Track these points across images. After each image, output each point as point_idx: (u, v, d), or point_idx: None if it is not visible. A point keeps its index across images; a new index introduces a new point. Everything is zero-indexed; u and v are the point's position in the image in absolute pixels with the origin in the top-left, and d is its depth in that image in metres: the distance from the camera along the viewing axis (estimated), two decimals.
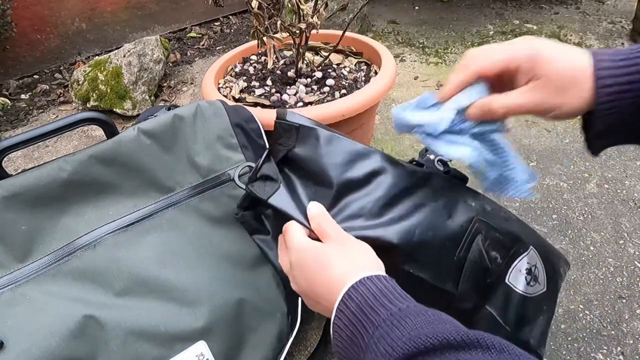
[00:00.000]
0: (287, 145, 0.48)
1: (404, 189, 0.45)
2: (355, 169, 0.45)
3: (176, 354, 0.50)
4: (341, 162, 0.45)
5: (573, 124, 1.14)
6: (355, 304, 0.34)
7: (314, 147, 0.46)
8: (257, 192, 0.47)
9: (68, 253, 0.50)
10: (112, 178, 0.55)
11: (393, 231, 0.43)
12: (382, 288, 0.35)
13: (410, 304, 0.34)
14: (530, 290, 0.47)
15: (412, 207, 0.45)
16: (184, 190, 0.59)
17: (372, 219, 0.44)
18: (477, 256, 0.45)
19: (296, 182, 0.47)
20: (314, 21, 0.73)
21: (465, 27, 1.74)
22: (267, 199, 0.46)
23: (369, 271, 0.37)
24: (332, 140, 0.46)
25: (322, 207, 0.44)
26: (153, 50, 1.36)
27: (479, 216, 0.46)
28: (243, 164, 0.55)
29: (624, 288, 0.73)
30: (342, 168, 0.45)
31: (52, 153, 1.20)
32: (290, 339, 0.61)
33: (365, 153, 0.46)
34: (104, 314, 0.48)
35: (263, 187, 0.47)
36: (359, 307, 0.34)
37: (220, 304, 0.54)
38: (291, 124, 0.47)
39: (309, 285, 0.40)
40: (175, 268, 0.54)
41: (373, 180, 0.45)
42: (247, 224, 0.53)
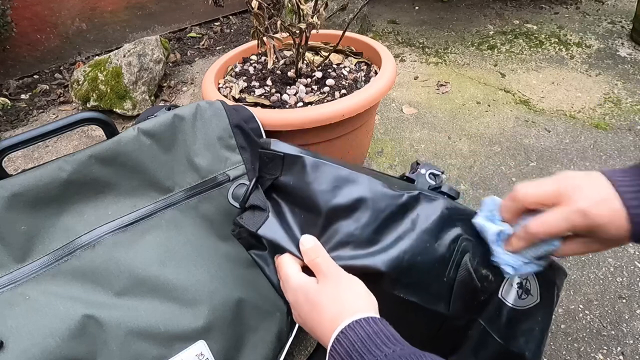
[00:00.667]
0: (273, 174, 0.48)
1: (391, 213, 0.45)
2: (342, 195, 0.45)
3: (176, 354, 0.50)
4: (328, 188, 0.45)
5: (573, 124, 1.14)
6: (344, 350, 0.35)
7: (301, 175, 0.46)
8: (246, 224, 0.47)
9: (68, 253, 0.50)
10: (112, 178, 0.55)
11: (381, 260, 0.43)
12: (370, 332, 0.36)
13: (396, 347, 0.34)
14: (520, 303, 0.47)
15: (401, 232, 0.44)
16: (183, 190, 0.59)
17: (361, 247, 0.44)
18: (466, 276, 0.45)
19: (285, 209, 0.47)
20: (314, 21, 0.73)
21: (465, 27, 1.74)
22: (257, 231, 0.46)
23: (360, 313, 0.37)
24: (318, 167, 0.46)
25: (315, 240, 0.44)
26: (153, 50, 1.36)
27: (466, 235, 0.46)
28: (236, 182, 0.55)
29: (624, 288, 0.73)
30: (329, 195, 0.45)
31: (52, 153, 1.20)
32: (290, 338, 0.61)
33: (351, 179, 0.46)
34: (103, 313, 0.48)
35: (252, 217, 0.48)
36: (348, 353, 0.35)
37: (219, 304, 0.54)
38: (276, 153, 0.47)
39: (305, 323, 0.41)
40: (175, 268, 0.54)
41: (360, 207, 0.44)
42: (244, 239, 0.52)
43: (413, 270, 0.44)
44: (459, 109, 1.24)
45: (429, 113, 1.22)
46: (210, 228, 0.59)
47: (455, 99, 1.28)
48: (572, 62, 1.44)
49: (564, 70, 1.40)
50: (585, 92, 1.28)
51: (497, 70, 1.42)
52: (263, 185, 0.49)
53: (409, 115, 1.22)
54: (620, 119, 1.14)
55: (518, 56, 1.50)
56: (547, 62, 1.45)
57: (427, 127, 1.16)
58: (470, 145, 1.09)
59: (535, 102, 1.24)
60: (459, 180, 0.97)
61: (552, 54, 1.50)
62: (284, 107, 0.77)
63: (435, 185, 0.51)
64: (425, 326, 0.46)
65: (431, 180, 0.52)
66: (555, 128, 1.13)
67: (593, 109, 1.19)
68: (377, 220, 0.44)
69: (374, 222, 0.44)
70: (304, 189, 0.46)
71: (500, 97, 1.28)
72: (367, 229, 0.44)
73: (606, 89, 1.28)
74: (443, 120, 1.19)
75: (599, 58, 1.45)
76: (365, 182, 0.45)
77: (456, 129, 1.15)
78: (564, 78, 1.35)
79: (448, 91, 1.33)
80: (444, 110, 1.23)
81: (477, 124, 1.17)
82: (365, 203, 0.44)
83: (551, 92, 1.29)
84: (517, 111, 1.21)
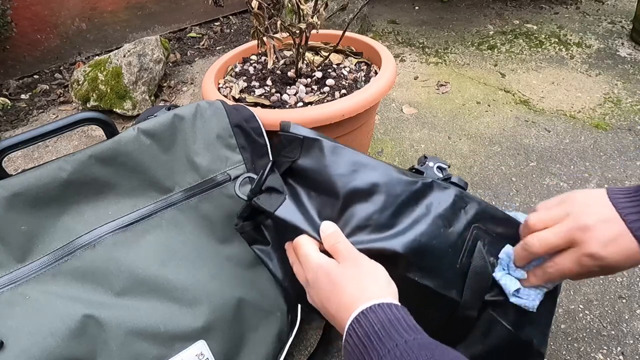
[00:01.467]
0: (291, 156, 0.48)
1: (407, 199, 0.45)
2: (359, 178, 0.45)
3: (176, 354, 0.50)
4: (346, 172, 0.46)
5: (573, 124, 1.14)
6: (363, 331, 0.35)
7: (319, 158, 0.47)
8: (263, 205, 0.47)
9: (68, 253, 0.50)
10: (112, 178, 0.55)
11: (398, 243, 0.44)
12: (392, 317, 0.36)
13: (417, 336, 0.34)
14: None
15: (416, 217, 0.45)
16: (183, 190, 0.59)
17: (378, 231, 0.44)
18: (481, 264, 0.46)
19: (302, 193, 0.48)
20: (314, 21, 0.73)
21: (465, 27, 1.74)
22: (274, 212, 0.46)
23: (381, 298, 0.37)
24: (336, 151, 0.47)
25: (335, 226, 0.44)
26: (153, 50, 1.36)
27: (477, 223, 0.47)
28: (243, 175, 0.55)
29: (624, 288, 0.73)
30: (347, 178, 0.45)
31: (52, 153, 1.20)
32: (290, 338, 0.61)
33: (368, 163, 0.46)
34: (103, 313, 0.48)
35: (269, 199, 0.47)
36: (367, 334, 0.35)
37: (220, 304, 0.54)
38: (295, 135, 0.48)
39: (322, 304, 0.41)
40: (175, 267, 0.54)
41: (377, 191, 0.45)
42: (247, 234, 0.53)
43: (428, 253, 0.44)
44: (459, 109, 1.24)
45: (429, 113, 1.22)
46: (211, 228, 0.59)
47: (455, 99, 1.28)
48: (572, 62, 1.44)
49: (564, 70, 1.40)
50: (585, 92, 1.28)
51: (497, 70, 1.42)
52: (280, 168, 0.50)
53: (409, 115, 1.22)
54: (620, 119, 1.14)
55: (518, 56, 1.50)
56: (547, 62, 1.45)
57: (427, 127, 1.16)
58: (470, 145, 1.09)
59: (535, 102, 1.24)
60: None
61: (552, 54, 1.50)
62: (284, 107, 0.77)
63: (445, 176, 0.52)
64: (438, 312, 0.47)
65: (439, 172, 0.53)
66: (555, 128, 1.13)
67: (593, 109, 1.19)
68: (394, 204, 0.45)
69: (391, 206, 0.45)
70: (322, 172, 0.46)
71: (500, 97, 1.28)
72: (384, 213, 0.44)
73: (606, 89, 1.28)
74: (443, 120, 1.19)
75: (599, 58, 1.45)
76: (381, 168, 0.46)
77: (456, 129, 1.15)
78: (564, 78, 1.35)
79: (448, 91, 1.33)
80: (444, 110, 1.23)
81: (477, 124, 1.17)
82: (382, 187, 0.45)
83: (551, 92, 1.29)
84: (517, 111, 1.21)
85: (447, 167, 0.54)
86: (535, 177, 0.97)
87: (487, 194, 0.93)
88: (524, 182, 0.95)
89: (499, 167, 1.01)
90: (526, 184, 0.95)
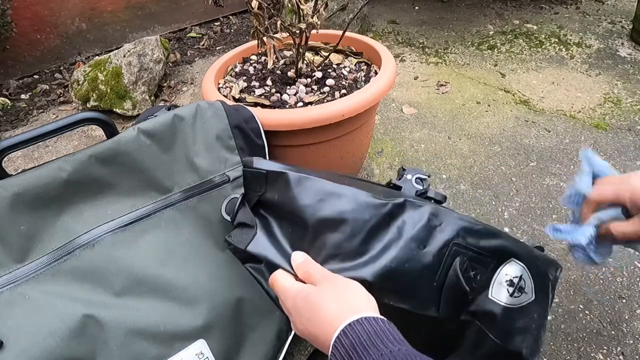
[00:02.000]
0: (258, 191, 0.49)
1: (377, 223, 0.45)
2: (326, 208, 0.45)
3: (176, 353, 0.50)
4: (312, 202, 0.46)
5: (573, 124, 1.14)
6: (349, 342, 0.35)
7: (285, 190, 0.47)
8: (235, 242, 0.48)
9: (67, 252, 0.50)
10: (111, 178, 0.55)
11: (368, 271, 0.43)
12: (377, 329, 0.36)
13: (402, 347, 0.34)
14: (514, 302, 0.47)
15: (388, 241, 0.45)
16: (182, 190, 0.59)
17: (349, 259, 0.44)
18: (454, 280, 0.45)
19: (274, 224, 0.48)
20: (314, 21, 0.73)
21: (465, 27, 1.74)
22: (245, 248, 0.47)
23: (363, 312, 0.37)
24: (301, 182, 0.47)
25: (305, 255, 0.45)
26: (153, 50, 1.36)
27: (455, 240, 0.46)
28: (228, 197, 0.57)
29: (624, 288, 0.73)
30: (313, 208, 0.45)
31: (52, 153, 1.20)
32: (289, 336, 0.61)
33: (335, 191, 0.46)
34: (103, 313, 0.48)
35: (241, 234, 0.49)
36: (353, 345, 0.35)
37: (219, 303, 0.55)
38: (259, 171, 0.48)
39: (306, 328, 0.41)
40: (174, 267, 0.54)
41: (345, 218, 0.45)
42: (239, 254, 0.52)
43: (400, 278, 0.44)
44: (459, 109, 1.24)
45: (429, 113, 1.23)
46: (209, 228, 0.60)
47: (455, 99, 1.28)
48: (572, 62, 1.44)
49: (564, 70, 1.40)
50: (585, 92, 1.28)
51: (497, 70, 1.42)
52: (250, 202, 0.51)
53: (409, 115, 1.22)
54: (620, 119, 1.14)
55: (518, 56, 1.50)
56: (547, 62, 1.45)
57: (427, 127, 1.16)
58: (470, 145, 1.09)
59: (535, 102, 1.24)
60: (459, 180, 0.97)
61: (552, 54, 1.50)
62: (284, 107, 0.77)
63: (422, 191, 0.52)
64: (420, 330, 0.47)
65: (418, 185, 0.53)
66: (555, 128, 1.13)
67: (593, 109, 1.19)
68: (363, 230, 0.44)
69: (360, 232, 0.44)
70: (288, 203, 0.46)
71: (500, 97, 1.28)
72: (354, 241, 0.44)
73: (606, 89, 1.28)
74: (443, 120, 1.19)
75: (599, 58, 1.45)
76: (349, 194, 0.46)
77: (456, 129, 1.15)
78: (564, 78, 1.35)
79: (448, 91, 1.33)
80: (444, 110, 1.23)
81: (477, 124, 1.17)
82: (349, 214, 0.45)
83: (551, 92, 1.29)
84: (517, 111, 1.21)
85: (427, 177, 0.54)
86: (535, 177, 0.97)
87: (487, 194, 0.93)
88: (524, 182, 0.95)
89: (499, 167, 1.01)
90: (526, 184, 0.95)
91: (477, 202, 0.91)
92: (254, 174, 0.49)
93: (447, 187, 0.96)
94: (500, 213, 0.88)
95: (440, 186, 0.96)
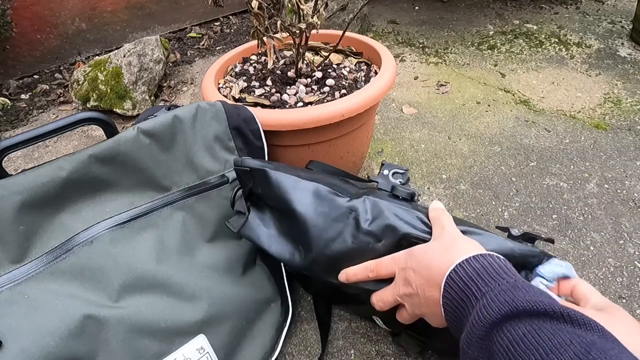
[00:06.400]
0: (248, 184, 0.58)
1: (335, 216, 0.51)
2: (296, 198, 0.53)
3: (177, 349, 0.51)
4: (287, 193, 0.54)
5: (573, 124, 1.14)
6: (480, 266, 0.38)
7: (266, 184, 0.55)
8: (231, 226, 0.58)
9: (66, 250, 0.50)
10: (110, 176, 0.55)
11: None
12: (502, 264, 0.38)
13: (519, 279, 0.37)
14: None
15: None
16: (181, 190, 0.59)
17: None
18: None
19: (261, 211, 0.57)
20: (314, 21, 0.73)
21: (465, 27, 1.74)
22: (237, 231, 0.57)
23: (478, 252, 0.40)
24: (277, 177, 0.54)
25: (442, 206, 0.50)
26: (153, 50, 1.36)
27: (412, 233, 0.49)
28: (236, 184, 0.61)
29: (624, 288, 0.73)
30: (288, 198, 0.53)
31: (52, 153, 1.20)
32: (285, 328, 0.63)
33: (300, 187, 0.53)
34: (103, 312, 0.48)
35: (236, 221, 0.58)
36: (484, 268, 0.38)
37: (218, 298, 0.55)
38: (244, 168, 0.57)
39: (423, 267, 0.42)
40: (172, 264, 0.54)
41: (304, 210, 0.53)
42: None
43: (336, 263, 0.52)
44: (459, 109, 1.24)
45: (429, 113, 1.22)
46: (207, 227, 0.60)
47: (455, 99, 1.28)
48: (572, 62, 1.44)
49: (564, 70, 1.40)
50: (585, 92, 1.28)
51: (497, 70, 1.42)
52: (244, 193, 0.59)
53: (409, 115, 1.22)
54: (620, 119, 1.14)
55: (518, 56, 1.50)
56: (547, 62, 1.45)
57: (427, 127, 1.16)
58: (470, 145, 1.09)
59: (535, 102, 1.24)
60: (459, 180, 0.97)
61: (552, 54, 1.50)
62: (284, 107, 0.77)
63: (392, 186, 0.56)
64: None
65: (395, 179, 0.56)
66: (555, 128, 1.13)
67: (593, 109, 1.19)
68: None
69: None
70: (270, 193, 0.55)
71: (500, 97, 1.28)
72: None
73: (606, 89, 1.28)
74: (443, 120, 1.19)
75: (599, 58, 1.45)
76: (311, 188, 0.53)
77: (456, 129, 1.15)
78: (564, 78, 1.35)
79: (448, 91, 1.33)
80: (444, 110, 1.23)
81: (477, 124, 1.17)
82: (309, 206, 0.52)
83: (551, 92, 1.29)
84: (517, 111, 1.21)
85: (405, 170, 0.57)
86: (535, 177, 0.97)
87: (487, 194, 0.93)
88: (524, 182, 0.95)
89: (499, 167, 1.01)
90: (526, 184, 0.95)
91: (477, 202, 0.91)
92: (242, 171, 0.57)
93: (447, 187, 0.96)
94: (500, 213, 0.88)
95: (440, 186, 0.96)
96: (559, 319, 0.31)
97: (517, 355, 0.30)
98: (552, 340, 0.29)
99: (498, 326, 0.33)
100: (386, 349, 0.65)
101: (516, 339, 0.31)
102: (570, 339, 0.29)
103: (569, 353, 0.28)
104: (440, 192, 0.94)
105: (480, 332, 0.33)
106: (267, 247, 0.54)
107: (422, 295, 0.42)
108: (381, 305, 0.47)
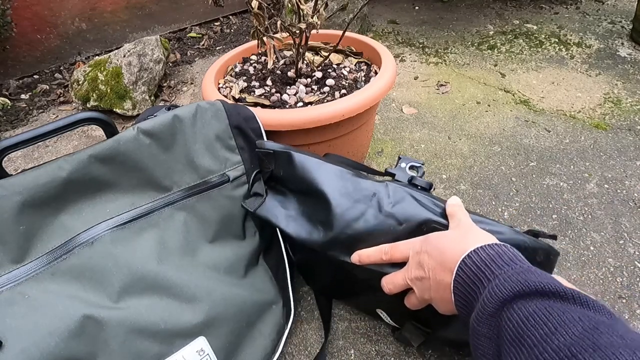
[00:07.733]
0: (269, 167, 0.59)
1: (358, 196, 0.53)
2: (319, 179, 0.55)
3: (177, 350, 0.51)
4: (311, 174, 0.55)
5: (573, 124, 1.14)
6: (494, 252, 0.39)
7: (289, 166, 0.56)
8: (248, 207, 0.59)
9: (66, 251, 0.50)
10: (111, 176, 0.55)
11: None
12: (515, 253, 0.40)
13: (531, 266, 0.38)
14: None
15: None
16: (182, 190, 0.59)
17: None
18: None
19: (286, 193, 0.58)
20: (314, 21, 0.73)
21: (465, 27, 1.74)
22: (254, 211, 0.58)
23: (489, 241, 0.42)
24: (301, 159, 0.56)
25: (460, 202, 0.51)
26: (153, 50, 1.36)
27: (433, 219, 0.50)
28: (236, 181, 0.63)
29: (624, 288, 0.73)
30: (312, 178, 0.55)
31: (52, 153, 1.20)
32: (286, 330, 0.62)
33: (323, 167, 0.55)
34: (103, 312, 0.48)
35: (253, 202, 0.59)
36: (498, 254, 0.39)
37: (218, 299, 0.55)
38: (267, 150, 0.59)
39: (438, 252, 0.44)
40: (173, 265, 0.54)
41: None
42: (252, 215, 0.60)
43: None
44: (459, 109, 1.24)
45: (429, 113, 1.22)
46: (208, 227, 0.60)
47: (455, 99, 1.28)
48: (572, 62, 1.44)
49: (564, 70, 1.40)
50: (585, 92, 1.27)
51: (497, 70, 1.42)
52: (264, 177, 0.61)
53: (409, 115, 1.22)
54: (620, 119, 1.14)
55: (518, 56, 1.50)
56: (547, 62, 1.45)
57: (427, 127, 1.16)
58: (470, 145, 1.09)
59: (535, 102, 1.24)
60: (459, 180, 0.97)
61: (552, 54, 1.50)
62: (284, 107, 0.77)
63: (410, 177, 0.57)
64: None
65: (412, 172, 0.58)
66: (555, 128, 1.13)
67: (593, 109, 1.19)
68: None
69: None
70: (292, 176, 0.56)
71: (500, 97, 1.28)
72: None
73: (606, 89, 1.28)
74: (443, 120, 1.19)
75: (599, 58, 1.45)
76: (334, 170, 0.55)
77: (456, 129, 1.15)
78: (564, 78, 1.35)
79: (448, 91, 1.33)
80: (444, 110, 1.23)
81: (477, 124, 1.17)
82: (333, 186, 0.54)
83: (551, 92, 1.29)
84: (517, 111, 1.21)
85: (421, 164, 0.59)
86: (535, 177, 0.97)
87: (487, 194, 0.93)
88: (524, 182, 0.95)
89: (499, 167, 1.01)
90: (526, 184, 0.95)
91: (477, 202, 0.91)
92: (264, 153, 0.59)
93: (447, 187, 0.96)
94: (500, 213, 0.88)
95: (440, 186, 0.96)
96: (569, 300, 0.32)
97: (526, 330, 0.31)
98: (562, 316, 0.30)
99: (509, 304, 0.34)
100: (386, 349, 0.65)
101: (526, 315, 0.32)
102: (579, 316, 0.30)
103: (577, 328, 0.29)
104: (441, 192, 0.94)
105: (492, 309, 0.34)
106: (284, 227, 0.55)
107: (434, 279, 0.43)
108: (390, 288, 0.48)
